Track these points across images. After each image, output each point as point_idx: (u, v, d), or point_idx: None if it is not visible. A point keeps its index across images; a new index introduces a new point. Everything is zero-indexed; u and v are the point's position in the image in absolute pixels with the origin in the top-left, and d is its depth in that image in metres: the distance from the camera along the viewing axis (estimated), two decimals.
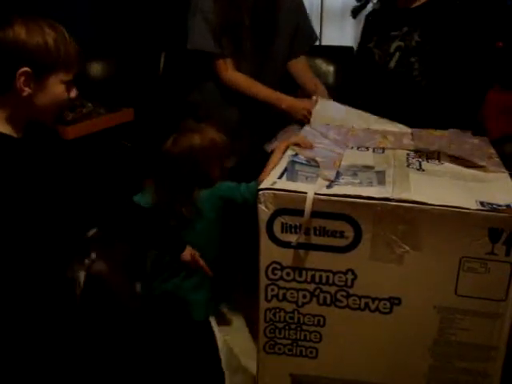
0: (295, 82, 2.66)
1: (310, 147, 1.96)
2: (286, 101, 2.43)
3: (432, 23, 2.28)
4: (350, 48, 3.91)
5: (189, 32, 2.48)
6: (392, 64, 2.32)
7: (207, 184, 1.98)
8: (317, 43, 2.97)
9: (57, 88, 1.55)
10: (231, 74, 2.47)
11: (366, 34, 2.47)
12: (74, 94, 1.61)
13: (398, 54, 2.32)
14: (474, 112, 2.30)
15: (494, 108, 2.81)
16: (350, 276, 1.64)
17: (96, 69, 3.46)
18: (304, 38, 2.68)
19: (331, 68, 3.31)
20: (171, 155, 1.98)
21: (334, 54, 3.15)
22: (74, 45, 1.57)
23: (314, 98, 2.39)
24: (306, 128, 2.21)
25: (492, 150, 2.01)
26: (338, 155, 1.91)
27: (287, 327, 1.74)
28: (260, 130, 2.51)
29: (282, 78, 2.66)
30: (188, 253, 1.92)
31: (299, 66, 2.67)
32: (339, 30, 4.14)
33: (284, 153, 1.90)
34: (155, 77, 3.55)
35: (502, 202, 1.54)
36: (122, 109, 3.32)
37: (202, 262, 1.93)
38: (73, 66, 1.57)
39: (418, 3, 2.33)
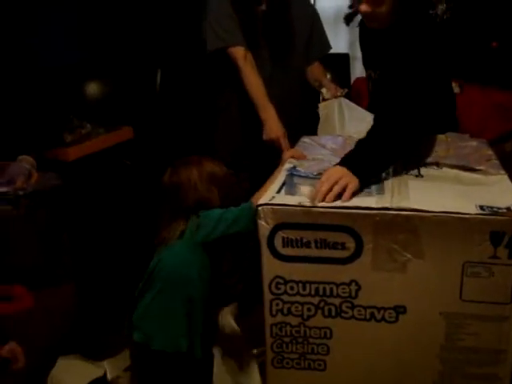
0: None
1: (304, 158, 1.98)
2: (268, 114, 2.44)
3: (386, 57, 2.05)
4: (345, 55, 3.91)
5: (209, 34, 2.57)
6: (370, 88, 2.26)
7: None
8: None
9: None
10: (249, 66, 2.50)
11: None
12: None
13: (370, 83, 2.23)
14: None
15: (491, 107, 2.81)
16: (353, 287, 1.64)
17: (92, 89, 3.46)
18: (317, 47, 2.75)
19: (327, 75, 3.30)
20: (168, 187, 1.94)
21: (329, 61, 3.14)
22: None
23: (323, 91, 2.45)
24: (304, 139, 2.21)
25: (490, 152, 2.01)
26: None
27: (294, 341, 1.73)
28: None
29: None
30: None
31: (312, 71, 2.73)
32: (333, 37, 4.14)
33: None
34: (152, 94, 3.56)
35: (501, 205, 1.54)
36: (121, 127, 3.33)
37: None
38: None
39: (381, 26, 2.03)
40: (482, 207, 1.54)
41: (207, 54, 2.60)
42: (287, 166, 1.92)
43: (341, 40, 4.10)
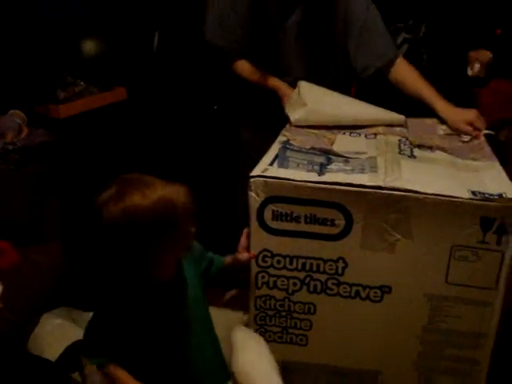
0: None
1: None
2: (283, 88, 2.28)
3: (437, 15, 2.40)
4: None
5: (207, 22, 2.38)
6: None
7: None
8: None
9: None
10: (236, 63, 2.37)
11: None
12: None
13: (405, 45, 2.42)
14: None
15: (491, 95, 2.79)
16: (340, 264, 1.64)
17: (88, 47, 3.39)
18: (369, 56, 2.23)
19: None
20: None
21: None
22: None
23: None
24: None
25: (483, 139, 2.00)
26: (329, 141, 1.90)
27: (277, 315, 1.74)
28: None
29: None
30: None
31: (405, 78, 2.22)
32: None
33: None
34: (149, 56, 3.51)
35: (493, 192, 1.54)
36: (115, 88, 3.28)
37: None
38: None
39: None
40: (474, 192, 1.53)
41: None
42: (281, 138, 1.90)
43: None
